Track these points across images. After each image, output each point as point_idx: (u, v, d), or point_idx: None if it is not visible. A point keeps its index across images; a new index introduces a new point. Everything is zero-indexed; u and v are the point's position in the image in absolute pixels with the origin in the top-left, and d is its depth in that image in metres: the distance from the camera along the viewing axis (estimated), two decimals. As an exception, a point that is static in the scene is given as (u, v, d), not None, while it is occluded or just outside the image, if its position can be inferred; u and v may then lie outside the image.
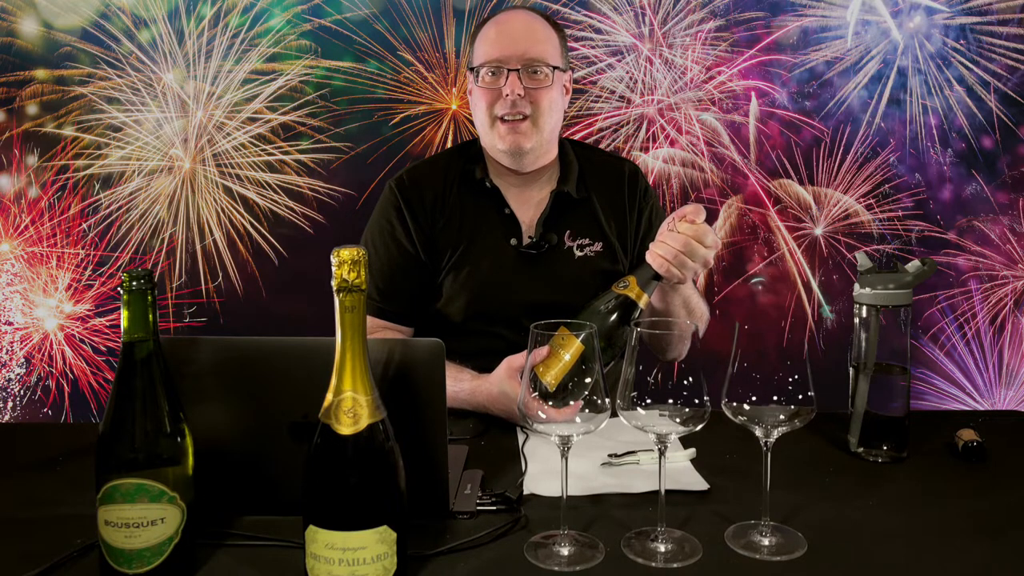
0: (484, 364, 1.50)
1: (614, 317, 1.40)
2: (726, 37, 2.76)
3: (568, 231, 1.67)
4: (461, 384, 1.49)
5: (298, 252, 2.78)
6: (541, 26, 1.65)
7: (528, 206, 1.69)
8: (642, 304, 1.42)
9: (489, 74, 1.61)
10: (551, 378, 1.11)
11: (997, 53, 2.74)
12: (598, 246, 1.68)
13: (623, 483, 1.19)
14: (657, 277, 1.42)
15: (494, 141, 1.64)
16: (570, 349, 1.18)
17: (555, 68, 1.62)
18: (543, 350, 1.07)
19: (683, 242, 1.39)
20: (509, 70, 1.58)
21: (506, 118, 1.60)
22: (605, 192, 1.72)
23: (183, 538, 0.94)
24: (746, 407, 1.02)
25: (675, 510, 1.09)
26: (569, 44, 1.73)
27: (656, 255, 1.41)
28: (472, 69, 1.65)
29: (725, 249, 2.80)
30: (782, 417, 1.01)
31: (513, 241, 1.66)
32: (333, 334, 0.91)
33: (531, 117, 1.60)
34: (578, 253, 1.67)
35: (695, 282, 1.64)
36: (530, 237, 1.67)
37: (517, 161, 1.66)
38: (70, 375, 2.81)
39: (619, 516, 1.10)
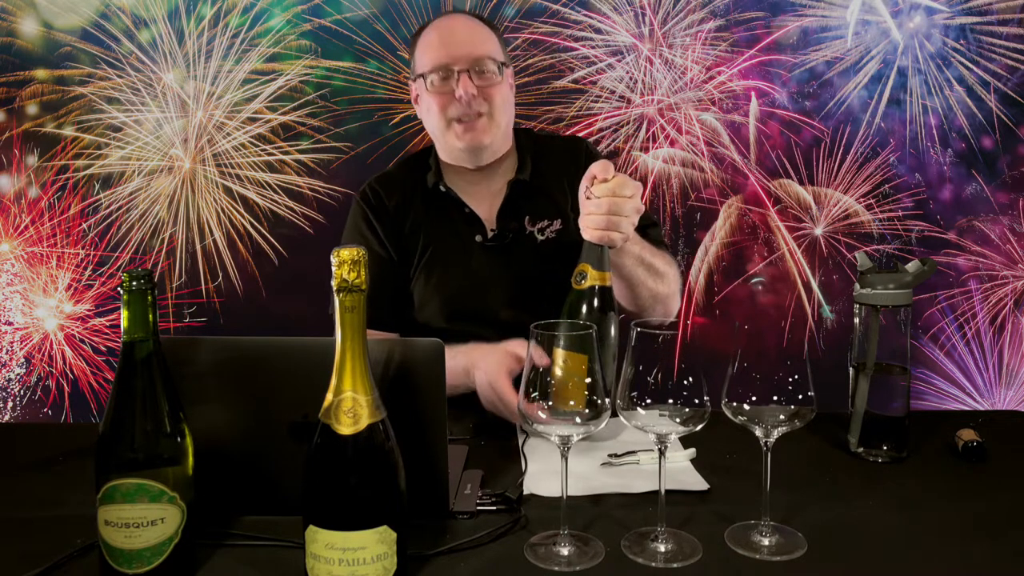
0: None
1: (596, 311, 1.35)
2: (726, 37, 2.76)
3: (527, 216, 1.67)
4: (456, 360, 1.44)
5: (298, 252, 2.77)
6: (481, 26, 1.67)
7: (485, 200, 1.69)
8: (609, 282, 1.38)
9: (439, 79, 1.60)
10: (579, 404, 1.01)
11: (997, 53, 2.74)
12: (557, 223, 1.66)
13: (623, 483, 1.19)
14: (604, 248, 1.39)
15: (452, 142, 1.63)
16: (580, 371, 1.05)
17: (502, 64, 1.63)
18: (548, 365, 1.00)
19: (606, 204, 1.35)
20: (459, 71, 1.58)
21: (462, 119, 1.60)
22: (557, 171, 1.71)
23: (183, 538, 0.94)
24: (746, 407, 1.02)
25: (675, 510, 1.09)
26: (569, 44, 1.74)
27: (588, 229, 1.37)
28: (419, 77, 1.64)
29: (725, 249, 2.80)
30: (782, 417, 1.01)
31: (478, 238, 1.66)
32: (333, 334, 0.91)
33: (487, 114, 1.61)
34: (540, 237, 1.66)
35: (664, 243, 1.62)
36: (492, 230, 1.66)
37: (476, 158, 1.65)
38: (70, 375, 2.81)
39: (619, 516, 1.10)
